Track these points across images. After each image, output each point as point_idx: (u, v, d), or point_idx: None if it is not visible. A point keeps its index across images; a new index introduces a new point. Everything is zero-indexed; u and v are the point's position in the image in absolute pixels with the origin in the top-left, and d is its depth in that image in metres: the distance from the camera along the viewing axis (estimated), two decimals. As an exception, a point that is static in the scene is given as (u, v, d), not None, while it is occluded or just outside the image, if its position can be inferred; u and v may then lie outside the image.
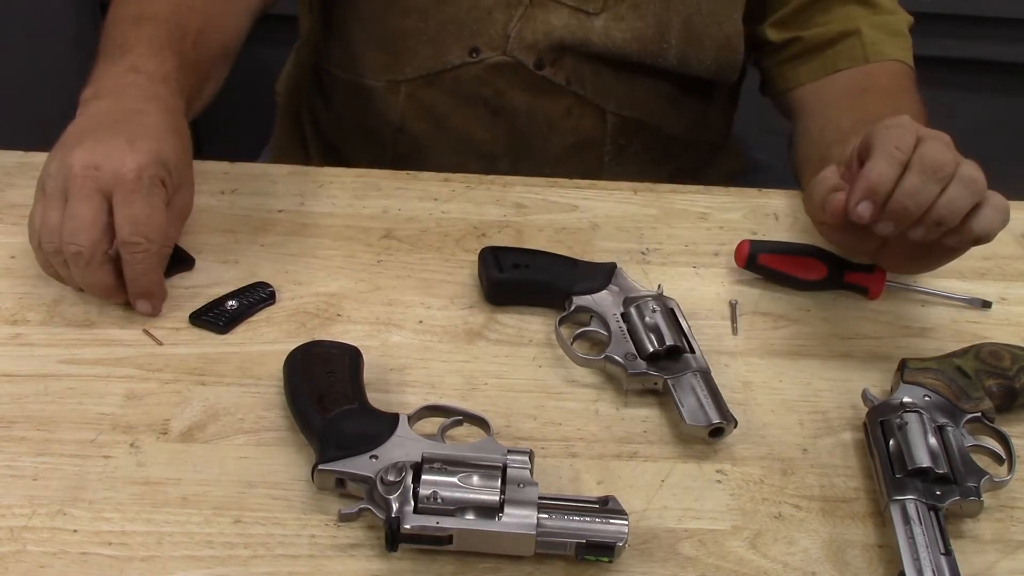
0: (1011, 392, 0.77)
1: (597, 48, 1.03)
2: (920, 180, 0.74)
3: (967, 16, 1.83)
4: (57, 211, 0.76)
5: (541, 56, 1.04)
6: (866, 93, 1.03)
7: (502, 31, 1.03)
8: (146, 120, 0.80)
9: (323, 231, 0.90)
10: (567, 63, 1.05)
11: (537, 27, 1.03)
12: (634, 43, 1.04)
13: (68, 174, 0.76)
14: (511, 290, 0.84)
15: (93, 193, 0.75)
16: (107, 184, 0.76)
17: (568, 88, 1.06)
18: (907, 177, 0.74)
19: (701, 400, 0.75)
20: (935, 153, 0.74)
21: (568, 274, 0.84)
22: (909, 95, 1.02)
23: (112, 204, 0.76)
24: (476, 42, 1.04)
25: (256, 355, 0.79)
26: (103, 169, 0.76)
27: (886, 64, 1.04)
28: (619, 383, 0.78)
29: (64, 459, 0.70)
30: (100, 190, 0.76)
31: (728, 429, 0.74)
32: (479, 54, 1.04)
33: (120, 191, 0.76)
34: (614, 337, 0.80)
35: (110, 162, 0.76)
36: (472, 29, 1.03)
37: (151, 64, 0.84)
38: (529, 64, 1.04)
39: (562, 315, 0.82)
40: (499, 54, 1.04)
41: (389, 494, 0.64)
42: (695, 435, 0.74)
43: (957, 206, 0.74)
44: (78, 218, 0.75)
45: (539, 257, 0.85)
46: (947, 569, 0.64)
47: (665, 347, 0.78)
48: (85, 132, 0.79)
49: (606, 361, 0.79)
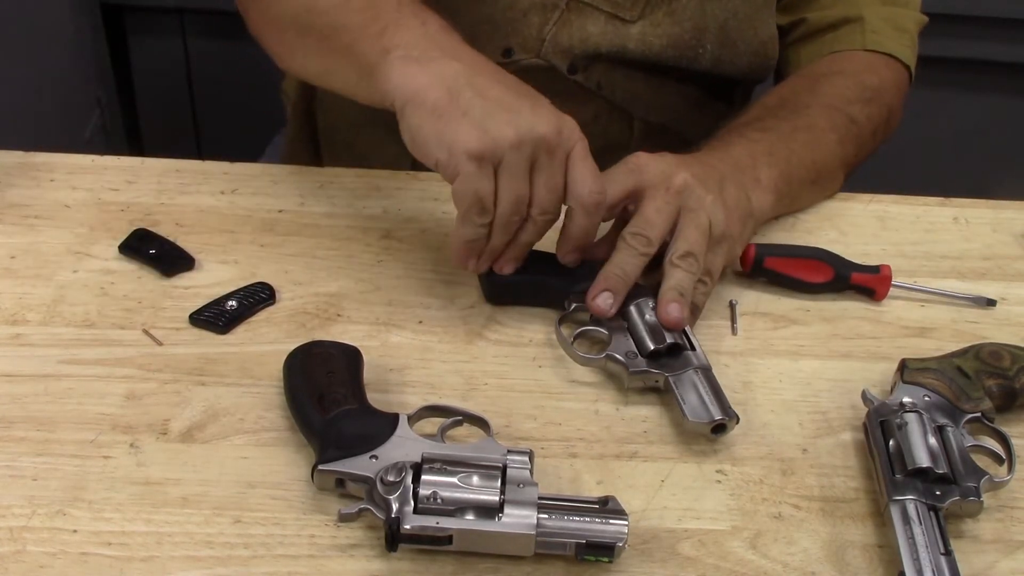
0: (1011, 392, 0.77)
1: (633, 55, 1.03)
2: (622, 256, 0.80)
3: (967, 16, 1.83)
4: (523, 181, 0.76)
5: (574, 61, 1.03)
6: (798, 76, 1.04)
7: (537, 34, 1.02)
8: (509, 80, 0.79)
9: (323, 231, 0.90)
10: (599, 68, 1.04)
11: (573, 32, 1.02)
12: (670, 49, 1.03)
13: (537, 142, 0.75)
14: (511, 290, 0.84)
15: (561, 161, 0.76)
16: (569, 145, 0.77)
17: (598, 93, 1.05)
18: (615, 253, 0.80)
19: (703, 397, 0.75)
20: (636, 228, 0.80)
21: (568, 274, 0.84)
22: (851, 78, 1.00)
23: (567, 163, 0.77)
24: (510, 43, 1.02)
25: (256, 355, 0.79)
26: (565, 134, 0.77)
27: (875, 57, 1.04)
28: (620, 382, 0.78)
29: (64, 459, 0.70)
30: (563, 152, 0.77)
31: (730, 425, 0.74)
32: (512, 55, 1.02)
33: (578, 150, 0.77)
34: (614, 336, 0.80)
35: (565, 125, 0.77)
36: (506, 30, 1.02)
37: (447, 22, 0.82)
38: (563, 68, 1.03)
39: (562, 314, 0.82)
40: (532, 56, 1.02)
41: (389, 494, 0.64)
42: (697, 432, 0.74)
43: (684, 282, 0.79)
44: (559, 188, 0.77)
45: (539, 257, 0.85)
46: (947, 569, 0.64)
47: (666, 345, 0.78)
48: (488, 95, 0.76)
49: (607, 360, 0.78)
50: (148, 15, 1.95)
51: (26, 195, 0.91)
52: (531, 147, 0.75)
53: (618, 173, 0.82)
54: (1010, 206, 1.00)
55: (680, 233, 0.80)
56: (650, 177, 0.81)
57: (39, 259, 0.85)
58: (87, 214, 0.90)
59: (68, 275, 0.84)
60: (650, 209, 0.80)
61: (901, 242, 0.94)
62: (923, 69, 1.06)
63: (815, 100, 0.98)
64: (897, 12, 1.05)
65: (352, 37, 0.82)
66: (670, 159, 0.83)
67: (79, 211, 0.90)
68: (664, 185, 0.81)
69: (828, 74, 1.02)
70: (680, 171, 0.82)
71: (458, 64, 0.77)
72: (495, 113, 0.75)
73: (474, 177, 0.74)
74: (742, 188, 0.86)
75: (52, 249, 0.86)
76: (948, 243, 0.95)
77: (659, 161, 0.83)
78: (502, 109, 0.75)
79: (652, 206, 0.80)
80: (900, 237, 0.95)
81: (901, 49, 1.04)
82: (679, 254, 0.80)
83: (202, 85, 2.03)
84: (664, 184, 0.81)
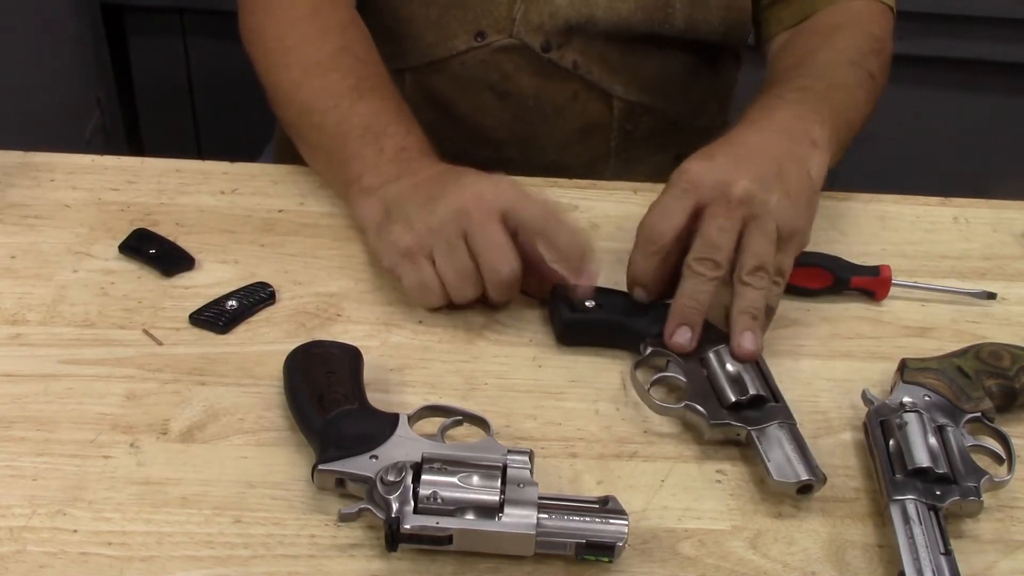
0: (1011, 392, 0.77)
1: (603, 24, 1.03)
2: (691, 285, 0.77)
3: (967, 16, 1.83)
4: (458, 257, 0.78)
5: (548, 38, 1.03)
6: (803, 35, 1.03)
7: (507, 13, 1.03)
8: (445, 175, 0.83)
9: (323, 231, 0.90)
10: (574, 46, 1.04)
11: (542, 7, 1.02)
12: (639, 13, 1.03)
13: (459, 215, 0.77)
14: (584, 330, 0.81)
15: (489, 222, 0.77)
16: (502, 206, 0.78)
17: (575, 72, 1.06)
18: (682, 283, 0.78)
19: (788, 454, 0.70)
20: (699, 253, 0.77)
21: (644, 316, 0.80)
22: (853, 31, 1.00)
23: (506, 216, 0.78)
24: (481, 25, 1.03)
25: (256, 355, 0.79)
26: (485, 198, 0.78)
27: (855, 4, 1.03)
28: (698, 432, 0.75)
29: (64, 459, 0.70)
30: (498, 214, 0.77)
31: (817, 487, 0.70)
32: (485, 38, 1.03)
33: (507, 198, 0.78)
34: (692, 383, 0.75)
35: (486, 189, 0.79)
36: (477, 12, 1.03)
37: (408, 138, 0.87)
38: (536, 47, 1.04)
39: (638, 359, 0.78)
40: (505, 37, 1.03)
41: (389, 494, 0.64)
42: (782, 492, 0.70)
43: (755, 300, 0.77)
44: (499, 244, 0.77)
45: (614, 296, 0.82)
46: (947, 569, 0.64)
47: (748, 396, 0.74)
48: (417, 196, 0.81)
49: (686, 409, 0.74)
50: (148, 15, 1.95)
51: (26, 195, 0.91)
52: (452, 224, 0.78)
53: (673, 198, 0.78)
54: (1010, 206, 1.00)
55: (747, 247, 0.77)
56: (707, 192, 0.77)
57: (39, 259, 0.85)
58: (87, 214, 0.90)
59: (68, 275, 0.84)
60: (712, 229, 0.77)
61: (901, 242, 0.95)
62: (923, 69, 1.06)
63: (836, 56, 0.96)
64: None
65: (327, 160, 0.91)
66: (722, 163, 0.79)
67: (79, 211, 0.90)
68: (724, 199, 0.77)
69: (836, 27, 1.02)
70: (738, 178, 0.77)
71: (405, 182, 0.83)
72: (418, 210, 0.80)
73: (412, 270, 0.80)
74: (801, 163, 0.82)
75: (52, 249, 0.86)
76: (948, 243, 0.95)
77: (713, 170, 0.79)
78: (426, 203, 0.79)
79: (715, 225, 0.77)
80: (900, 237, 0.95)
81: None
82: (748, 270, 0.77)
83: (202, 85, 2.03)
84: (724, 197, 0.77)
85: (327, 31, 0.94)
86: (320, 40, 0.93)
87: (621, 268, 0.87)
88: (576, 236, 0.80)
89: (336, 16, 0.95)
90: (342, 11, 0.96)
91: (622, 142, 1.11)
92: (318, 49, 0.92)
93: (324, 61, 0.92)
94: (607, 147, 1.11)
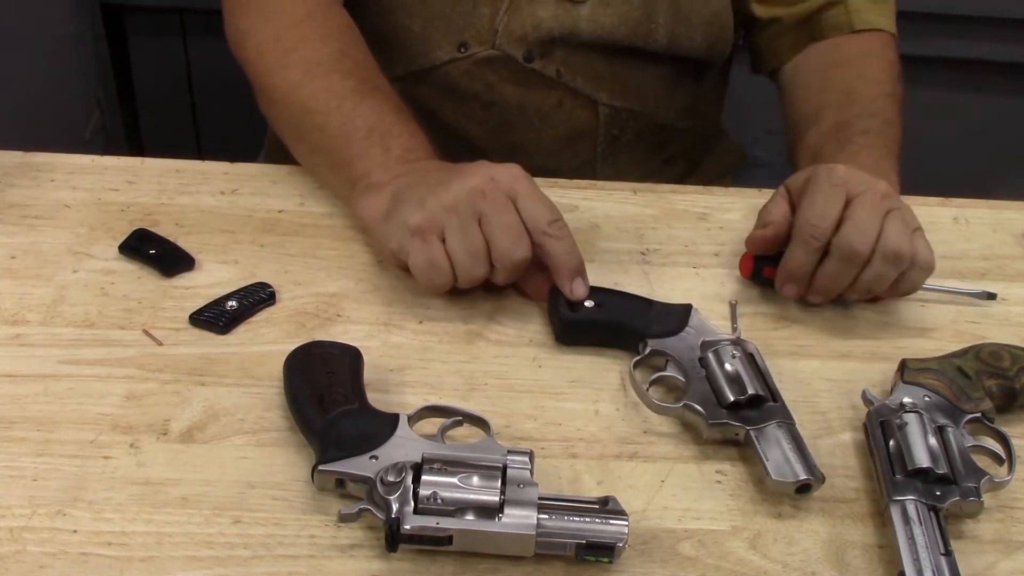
0: (1011, 392, 0.77)
1: (586, 36, 1.03)
2: (838, 267, 0.82)
3: (967, 16, 1.83)
4: (470, 235, 0.78)
5: (530, 49, 1.04)
6: (834, 68, 1.05)
7: (489, 24, 1.03)
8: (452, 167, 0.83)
9: (323, 231, 0.90)
10: (557, 55, 1.04)
11: (524, 19, 1.02)
12: (622, 27, 1.03)
13: (470, 197, 0.78)
14: (583, 330, 0.81)
15: (503, 203, 0.78)
16: (510, 189, 0.79)
17: (559, 80, 1.06)
18: (826, 264, 0.82)
19: (787, 454, 0.71)
20: (853, 238, 0.81)
21: (643, 315, 0.81)
22: (878, 61, 1.04)
23: (516, 204, 0.79)
24: (464, 37, 1.03)
25: (256, 355, 0.79)
26: (499, 179, 0.79)
27: (864, 34, 1.05)
28: (696, 432, 0.75)
29: (64, 459, 0.70)
30: (502, 195, 0.78)
31: (816, 486, 0.70)
32: (467, 49, 1.04)
33: (521, 187, 0.79)
34: (691, 383, 0.76)
35: (500, 174, 0.79)
36: (459, 24, 1.03)
37: (413, 139, 0.88)
38: (518, 57, 1.04)
39: (636, 359, 0.79)
40: (488, 48, 1.04)
41: (389, 495, 0.64)
42: (780, 491, 0.71)
43: (880, 282, 0.82)
44: (513, 226, 0.78)
45: (613, 297, 0.82)
46: (947, 569, 0.64)
47: (747, 396, 0.74)
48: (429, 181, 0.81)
49: (684, 409, 0.75)
50: (148, 15, 1.94)
51: (26, 195, 0.91)
52: (467, 203, 0.78)
53: (827, 195, 0.82)
54: (1010, 206, 1.00)
55: (887, 238, 0.81)
56: (855, 187, 0.83)
57: (39, 259, 0.85)
58: (87, 214, 0.90)
59: (68, 275, 0.84)
60: (862, 215, 0.81)
61: (901, 242, 0.94)
62: (923, 69, 1.06)
63: (874, 90, 1.01)
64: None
65: (329, 161, 0.90)
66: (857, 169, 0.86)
67: (79, 211, 0.90)
68: (871, 192, 0.83)
69: (861, 57, 1.04)
70: (879, 179, 0.85)
71: (409, 178, 0.83)
72: (430, 192, 0.79)
73: (421, 247, 0.79)
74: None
75: (52, 249, 0.86)
76: (948, 243, 0.95)
77: (855, 170, 0.85)
78: (437, 186, 0.80)
79: (864, 213, 0.82)
80: (900, 237, 0.95)
81: (885, 21, 1.06)
82: (888, 257, 0.81)
83: (202, 85, 2.03)
84: (871, 191, 0.83)
85: (326, 33, 0.94)
86: (320, 42, 0.93)
87: (621, 268, 0.88)
88: (572, 250, 0.80)
89: (332, 19, 0.96)
90: (337, 15, 0.97)
91: (609, 147, 1.11)
92: (318, 51, 0.92)
93: (324, 62, 0.92)
94: (594, 152, 1.11)
